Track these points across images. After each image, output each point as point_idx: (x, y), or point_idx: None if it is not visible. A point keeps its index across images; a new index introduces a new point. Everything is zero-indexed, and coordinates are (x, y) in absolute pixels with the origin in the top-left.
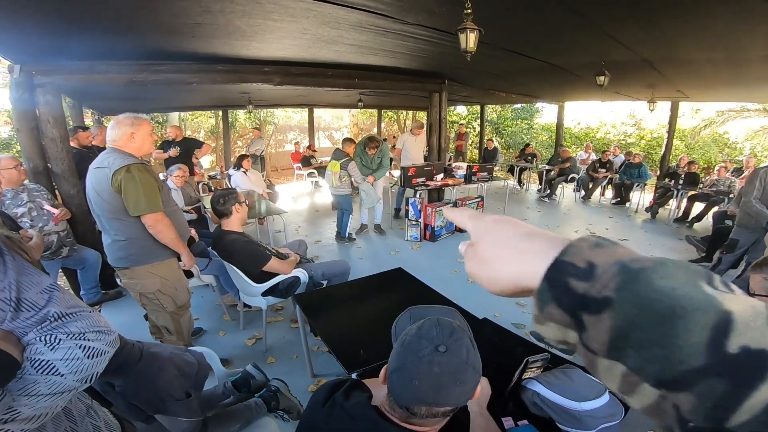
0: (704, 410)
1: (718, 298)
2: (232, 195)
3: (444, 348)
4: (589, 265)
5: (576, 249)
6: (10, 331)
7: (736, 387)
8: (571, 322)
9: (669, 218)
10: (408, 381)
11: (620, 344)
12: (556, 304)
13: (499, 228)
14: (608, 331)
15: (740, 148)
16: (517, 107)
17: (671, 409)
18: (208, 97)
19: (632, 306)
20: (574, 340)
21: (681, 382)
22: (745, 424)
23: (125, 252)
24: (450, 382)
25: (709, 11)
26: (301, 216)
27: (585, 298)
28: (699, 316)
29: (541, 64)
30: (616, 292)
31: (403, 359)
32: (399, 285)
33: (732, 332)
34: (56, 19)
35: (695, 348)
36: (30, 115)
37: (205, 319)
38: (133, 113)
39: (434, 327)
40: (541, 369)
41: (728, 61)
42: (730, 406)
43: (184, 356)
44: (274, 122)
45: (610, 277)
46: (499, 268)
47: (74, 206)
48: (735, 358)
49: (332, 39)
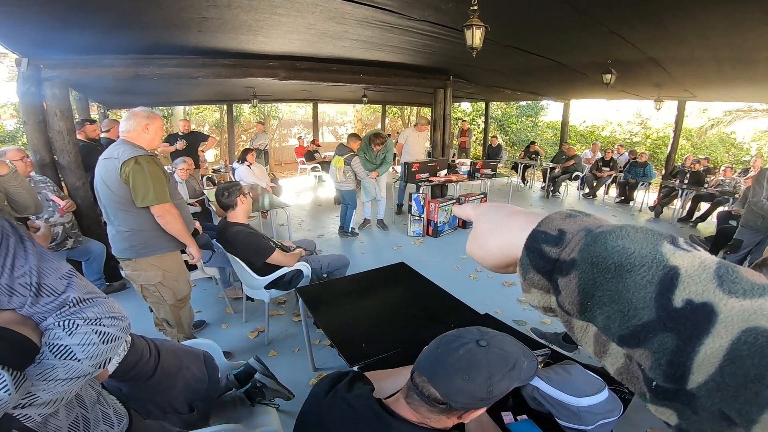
0: (661, 367)
1: (667, 255)
2: (235, 187)
3: (485, 343)
4: (560, 232)
5: (549, 220)
6: (29, 316)
7: (683, 341)
8: (549, 286)
9: (673, 218)
10: (434, 348)
11: (587, 303)
12: (534, 269)
13: (492, 211)
14: (576, 291)
15: (747, 149)
16: (522, 104)
17: (637, 370)
18: (213, 91)
19: (591, 265)
20: (554, 304)
21: (636, 337)
22: (702, 386)
23: (128, 243)
24: (458, 369)
25: (715, 10)
26: (304, 210)
27: (557, 262)
28: (645, 270)
29: (547, 61)
30: (580, 253)
31: (439, 345)
32: (401, 279)
33: (677, 286)
34: (64, 13)
35: (644, 302)
36: (37, 108)
37: (208, 312)
38: (148, 108)
39: (497, 338)
40: (542, 365)
41: (735, 61)
42: (683, 361)
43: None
44: (278, 117)
45: (576, 242)
46: (489, 243)
47: (80, 198)
48: (680, 312)
49: (338, 34)
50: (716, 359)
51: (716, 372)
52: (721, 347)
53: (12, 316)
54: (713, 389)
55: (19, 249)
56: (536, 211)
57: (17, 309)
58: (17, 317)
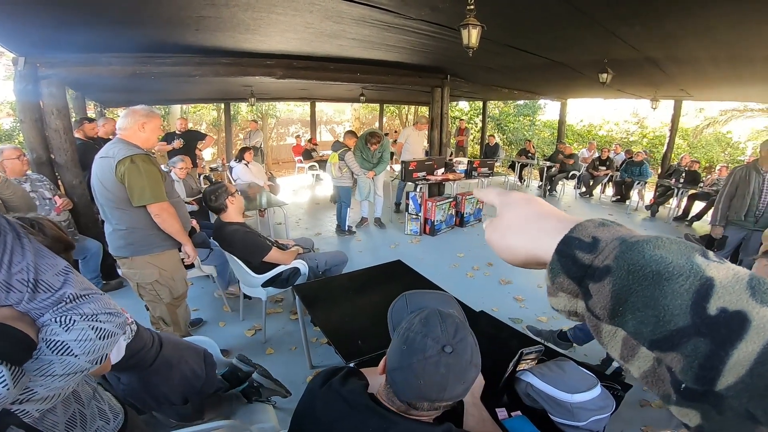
0: (692, 370)
1: (702, 266)
2: (221, 189)
3: (450, 349)
4: (593, 240)
5: (582, 227)
6: (26, 312)
7: (717, 345)
8: (579, 290)
9: (669, 216)
10: (413, 380)
11: (620, 308)
12: (565, 274)
13: (522, 205)
14: (609, 296)
15: (742, 148)
16: (520, 103)
17: (665, 373)
18: (211, 89)
19: (627, 272)
20: (581, 309)
21: (670, 341)
22: (731, 387)
23: (125, 241)
24: (455, 381)
25: (713, 10)
26: (301, 209)
27: (590, 268)
28: (683, 280)
29: (544, 60)
30: (615, 261)
31: (408, 358)
32: (398, 277)
33: (712, 296)
34: (61, 12)
35: (680, 309)
36: (34, 106)
37: (205, 310)
38: (148, 107)
39: (438, 324)
40: (536, 361)
41: (732, 60)
42: (714, 365)
43: (194, 367)
44: (275, 115)
45: (611, 250)
46: (517, 239)
47: (76, 196)
48: (715, 319)
49: (335, 33)
50: (748, 362)
51: (746, 374)
52: (754, 351)
53: (9, 312)
54: (742, 390)
55: (16, 245)
56: (566, 215)
57: (14, 305)
58: (15, 313)
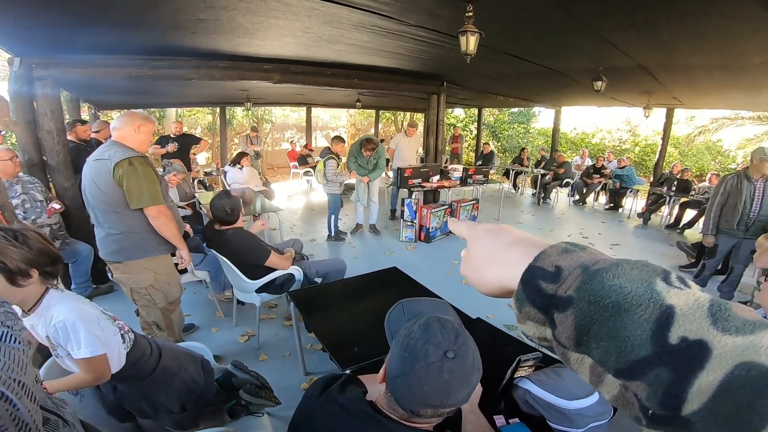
0: (657, 397)
1: (662, 294)
2: (237, 205)
3: (453, 354)
4: (556, 269)
5: (546, 255)
6: None
7: (678, 375)
8: (545, 319)
9: (661, 224)
10: (416, 387)
11: (584, 338)
12: (530, 304)
13: (488, 236)
14: (573, 327)
15: (733, 156)
16: (514, 111)
17: (633, 398)
18: (207, 93)
19: (588, 303)
20: (549, 336)
21: (634, 371)
22: (696, 413)
23: (119, 245)
24: (459, 386)
25: (707, 18)
26: (296, 214)
27: (554, 297)
28: (642, 310)
29: (540, 68)
30: (576, 292)
31: (410, 365)
32: (393, 284)
33: (673, 324)
34: (57, 13)
35: (641, 339)
36: (27, 107)
37: (197, 315)
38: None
39: (438, 330)
40: (533, 368)
41: (724, 68)
42: (678, 393)
43: (193, 375)
44: (271, 120)
45: (573, 279)
46: (486, 272)
47: (68, 199)
48: (676, 348)
49: (333, 38)
50: (710, 390)
51: (709, 400)
52: (715, 380)
53: None
54: (707, 415)
55: None
56: (536, 240)
57: None
58: None
